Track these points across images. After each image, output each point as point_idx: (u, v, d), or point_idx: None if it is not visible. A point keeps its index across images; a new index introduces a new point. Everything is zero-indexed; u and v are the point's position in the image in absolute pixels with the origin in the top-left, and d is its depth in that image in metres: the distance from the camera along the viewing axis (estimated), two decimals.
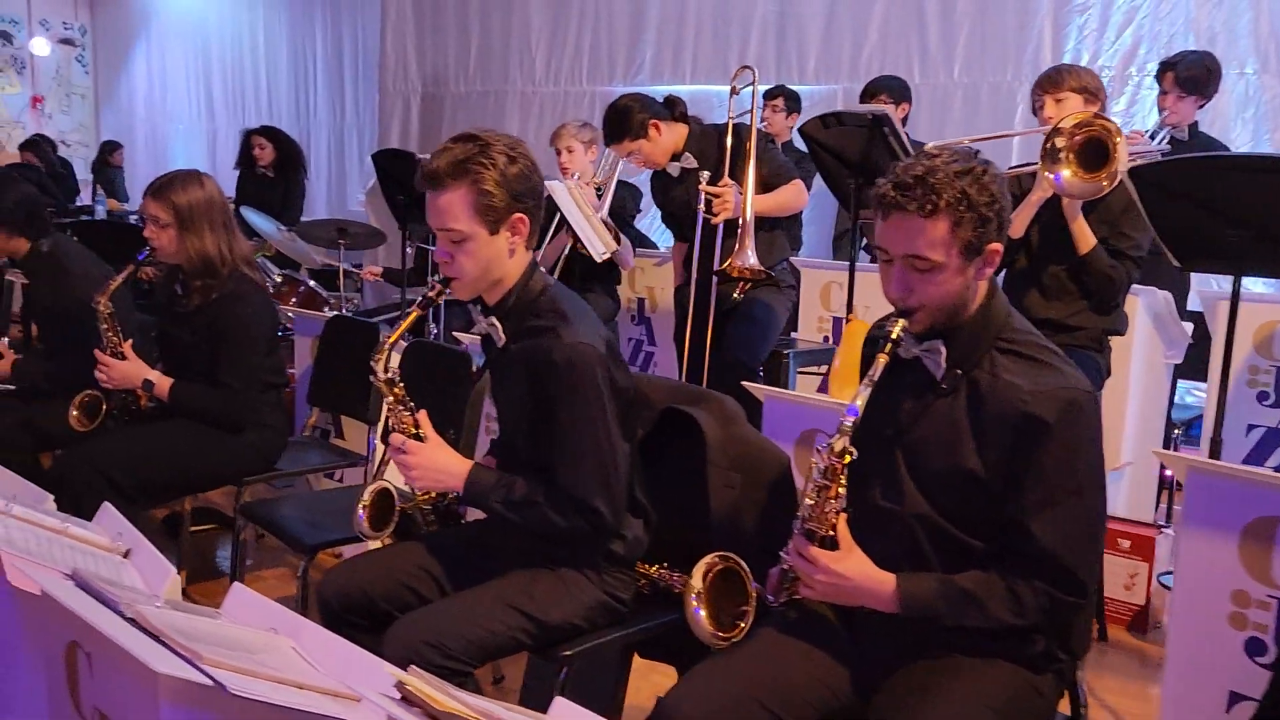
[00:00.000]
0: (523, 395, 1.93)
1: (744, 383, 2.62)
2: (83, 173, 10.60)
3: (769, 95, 5.11)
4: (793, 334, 4.14)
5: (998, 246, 1.62)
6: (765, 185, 3.38)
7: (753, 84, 3.41)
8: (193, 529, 3.60)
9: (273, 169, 6.29)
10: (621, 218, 4.36)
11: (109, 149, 9.96)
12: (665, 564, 2.09)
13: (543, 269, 2.00)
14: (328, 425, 3.80)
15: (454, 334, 3.68)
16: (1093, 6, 4.89)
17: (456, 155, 1.84)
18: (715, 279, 3.39)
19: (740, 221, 3.28)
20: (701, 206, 3.35)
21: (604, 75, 6.29)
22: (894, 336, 1.61)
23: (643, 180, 5.73)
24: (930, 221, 1.56)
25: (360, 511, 2.09)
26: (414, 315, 1.98)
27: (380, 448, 3.13)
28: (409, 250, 5.17)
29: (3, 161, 10.19)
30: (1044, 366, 1.61)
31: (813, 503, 1.60)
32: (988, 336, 1.65)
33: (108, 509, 2.43)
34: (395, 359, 2.02)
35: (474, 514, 2.21)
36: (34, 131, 10.12)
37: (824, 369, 4.14)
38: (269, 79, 10.70)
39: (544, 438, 1.90)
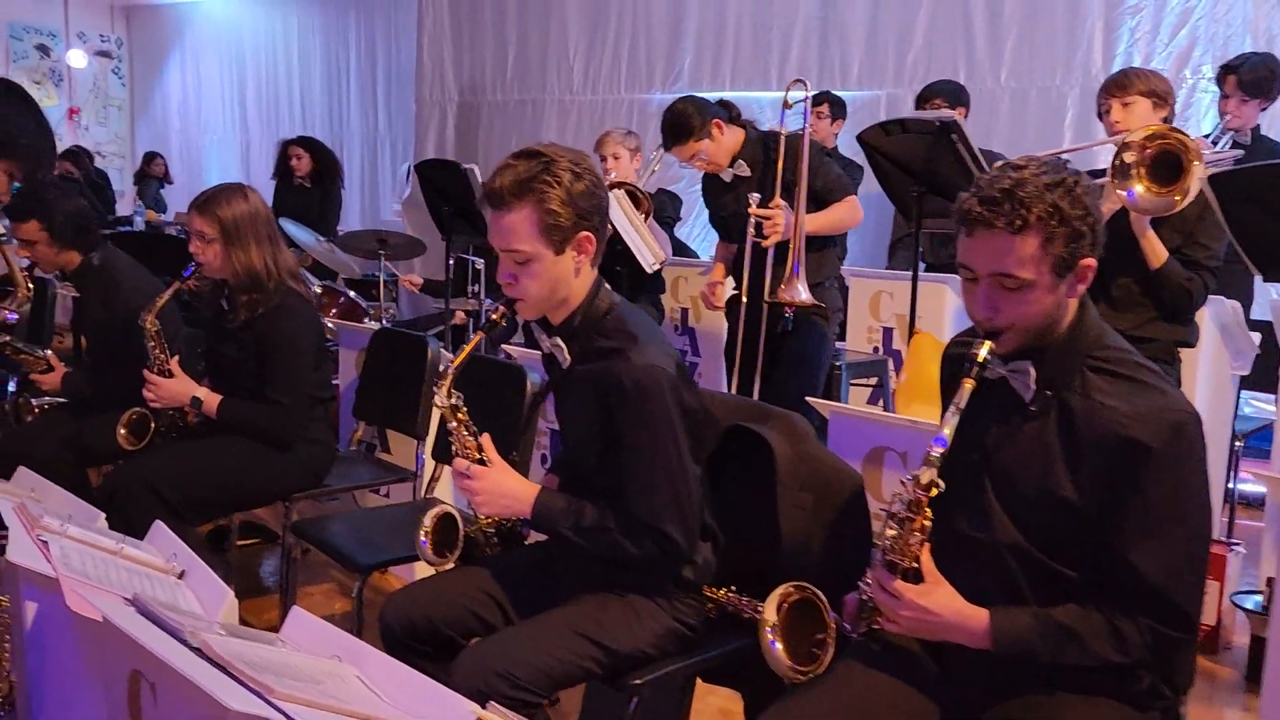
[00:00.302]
0: (590, 417, 1.88)
1: (808, 398, 2.55)
2: (118, 183, 10.70)
3: (813, 102, 5.02)
4: (839, 344, 4.07)
5: (1091, 262, 1.54)
6: (818, 198, 3.29)
7: (805, 98, 3.31)
8: (239, 543, 3.58)
9: (309, 179, 6.29)
10: (661, 224, 4.31)
11: (149, 159, 10.03)
12: (733, 587, 2.03)
13: (607, 285, 1.94)
14: (373, 439, 3.77)
15: (501, 347, 3.63)
16: (1145, 8, 4.78)
17: (520, 173, 1.78)
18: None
19: (791, 245, 3.18)
20: (751, 230, 3.25)
21: (642, 83, 6.24)
22: (980, 359, 1.53)
23: (680, 187, 5.68)
24: (1019, 238, 1.48)
25: (423, 537, 2.04)
26: (477, 339, 1.93)
27: (430, 464, 3.10)
28: (450, 261, 5.15)
29: None
30: (1143, 387, 1.53)
31: (895, 534, 1.52)
32: (1079, 355, 1.57)
33: (160, 528, 2.40)
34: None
35: (535, 534, 2.15)
36: (71, 143, 10.20)
37: (873, 380, 4.07)
38: (302, 89, 10.75)
39: (613, 461, 1.85)
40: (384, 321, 5.09)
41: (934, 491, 1.49)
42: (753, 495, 2.08)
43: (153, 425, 2.97)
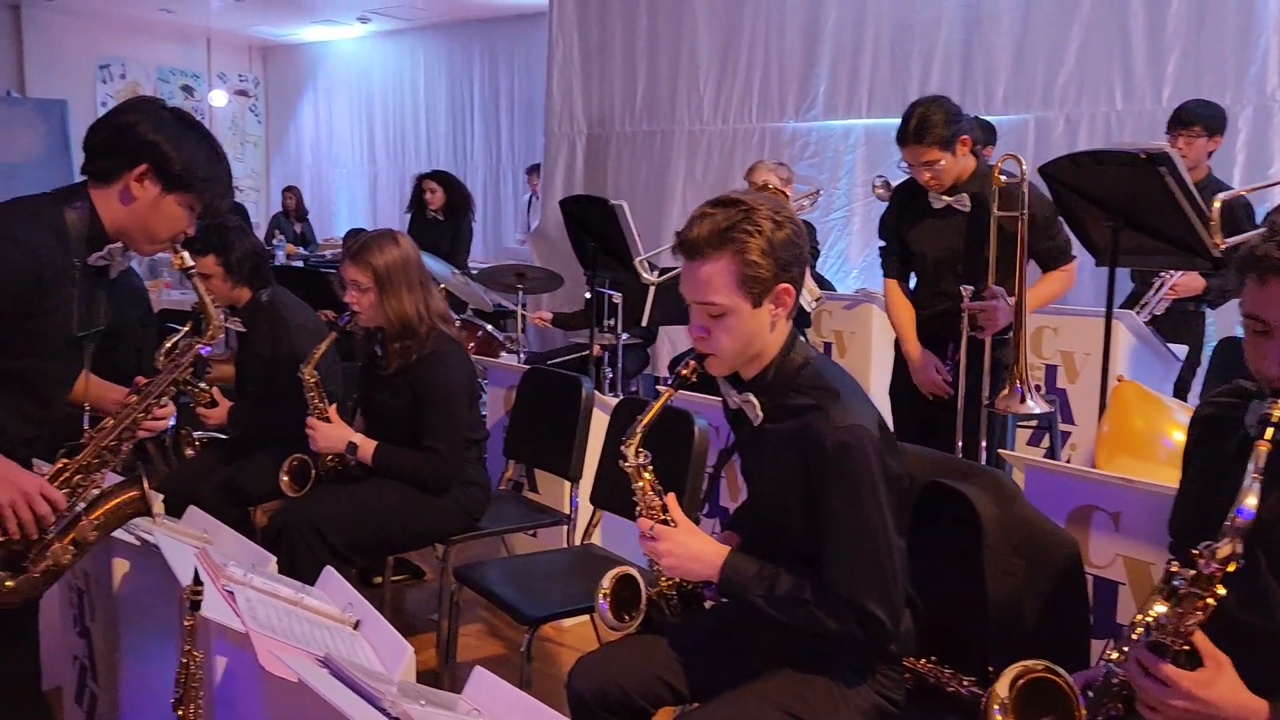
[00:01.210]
0: (786, 477, 1.77)
1: (1000, 450, 2.39)
2: (254, 216, 11.13)
3: (1179, 123, 4.60)
4: None
5: None
6: (1038, 258, 3.02)
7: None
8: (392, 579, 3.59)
9: (442, 212, 6.38)
10: None
11: (287, 193, 10.41)
12: (934, 658, 1.89)
13: (804, 338, 1.84)
14: (520, 477, 3.74)
15: (657, 387, 3.55)
16: None
17: (718, 223, 1.69)
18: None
19: (1014, 348, 2.87)
20: (965, 325, 2.98)
21: (774, 111, 6.13)
22: (1277, 419, 1.37)
23: (814, 217, 5.54)
24: None
25: (602, 599, 1.96)
26: (667, 395, 1.84)
27: (587, 509, 3.03)
28: (588, 295, 5.13)
29: None
30: None
31: (1169, 611, 1.36)
32: None
33: (330, 574, 2.38)
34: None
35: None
36: None
37: (1034, 423, 3.84)
38: (428, 123, 11.02)
39: (810, 525, 1.74)
40: (520, 356, 5.10)
41: (1232, 567, 1.33)
42: (952, 557, 1.94)
43: (313, 472, 2.99)
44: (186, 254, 2.06)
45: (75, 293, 1.89)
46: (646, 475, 1.83)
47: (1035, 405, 2.82)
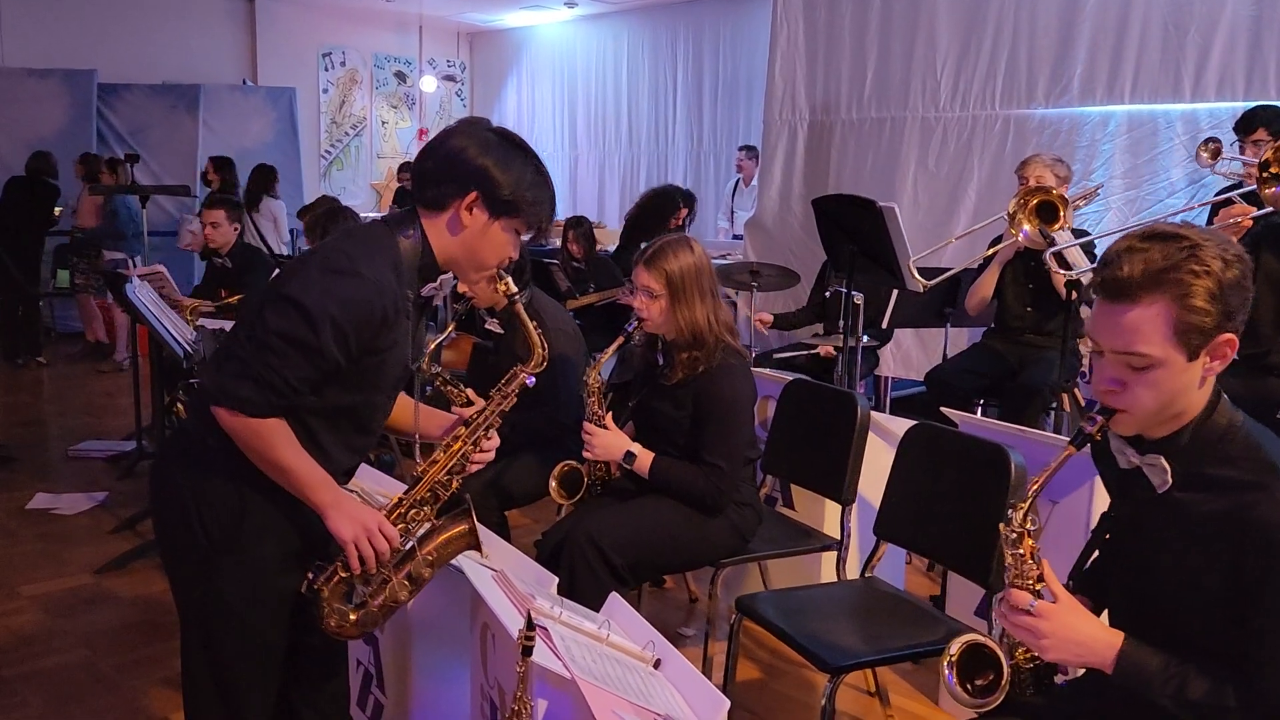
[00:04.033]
0: (1202, 559, 1.52)
1: None
2: None
3: (1245, 126, 4.29)
4: None
5: None
6: None
7: None
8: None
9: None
10: None
11: None
12: None
13: (1226, 397, 1.57)
14: (775, 493, 3.58)
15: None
16: None
17: (1155, 261, 1.45)
18: None
19: None
20: None
21: (1020, 97, 5.70)
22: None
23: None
24: None
25: (949, 671, 1.76)
26: (1066, 455, 1.62)
27: (859, 536, 2.84)
28: (827, 294, 4.91)
29: (394, 189, 11.18)
30: None
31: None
32: None
33: (617, 602, 2.28)
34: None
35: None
36: None
37: None
38: (630, 107, 10.98)
39: (1225, 617, 1.49)
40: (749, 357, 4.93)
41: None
42: None
43: (585, 480, 2.92)
44: (510, 280, 1.98)
45: (410, 326, 1.84)
46: (1030, 541, 1.62)
47: None
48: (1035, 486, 1.60)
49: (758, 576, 3.38)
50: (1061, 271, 3.36)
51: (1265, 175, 2.96)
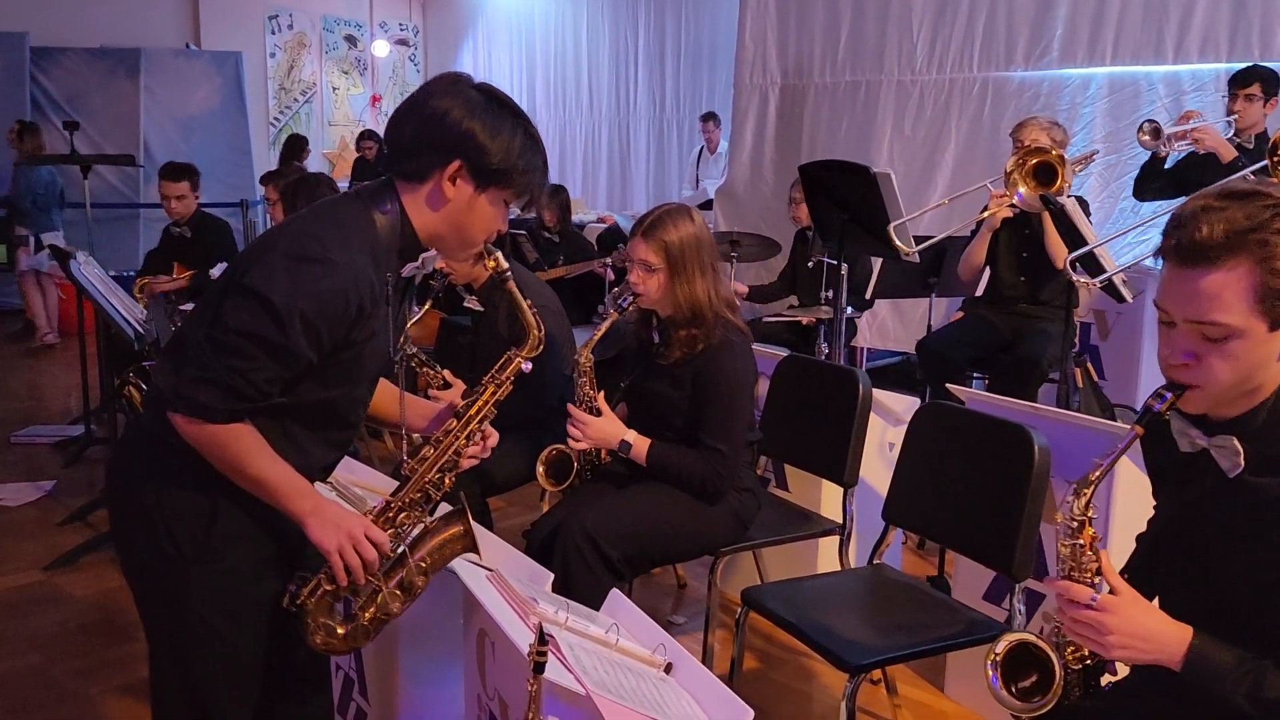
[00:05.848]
0: (1272, 547, 1.40)
1: None
2: None
3: (1240, 81, 4.23)
4: None
5: None
6: None
7: None
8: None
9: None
10: None
11: None
12: None
13: None
14: (767, 474, 3.44)
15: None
16: None
17: (1237, 221, 1.32)
18: None
19: None
20: None
21: (999, 59, 5.57)
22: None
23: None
24: None
25: (992, 672, 1.63)
26: (1133, 438, 1.48)
27: (864, 521, 2.70)
28: (810, 264, 4.78)
29: (349, 160, 10.82)
30: None
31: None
32: None
33: (618, 599, 2.13)
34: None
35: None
36: (375, 129, 10.62)
37: None
38: (590, 73, 10.71)
39: None
40: None
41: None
42: None
43: (574, 466, 2.76)
44: (500, 255, 1.80)
45: (389, 312, 1.65)
46: (1090, 531, 1.49)
47: None
48: (1099, 472, 1.47)
49: (752, 563, 3.25)
50: (1084, 280, 3.11)
51: (1276, 159, 3.07)
